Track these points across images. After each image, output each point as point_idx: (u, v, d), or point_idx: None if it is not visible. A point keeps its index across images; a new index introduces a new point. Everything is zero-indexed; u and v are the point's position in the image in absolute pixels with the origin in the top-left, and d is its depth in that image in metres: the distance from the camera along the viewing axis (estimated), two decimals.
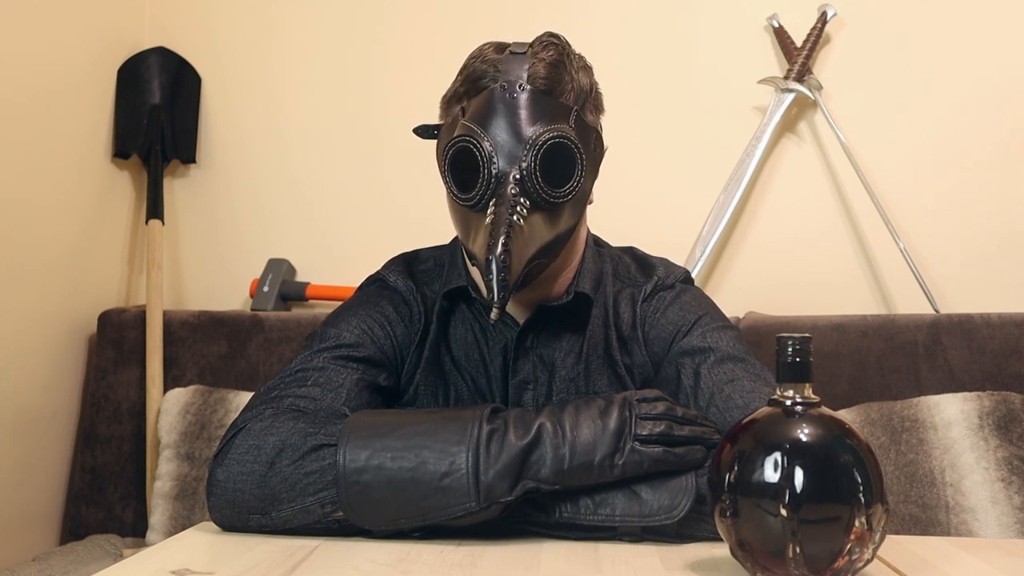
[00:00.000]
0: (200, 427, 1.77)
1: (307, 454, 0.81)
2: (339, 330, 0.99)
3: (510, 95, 0.92)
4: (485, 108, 0.92)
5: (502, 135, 0.90)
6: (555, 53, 0.95)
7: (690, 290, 1.07)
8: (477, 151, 0.90)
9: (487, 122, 0.91)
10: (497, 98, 0.92)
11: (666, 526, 0.79)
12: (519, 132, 0.91)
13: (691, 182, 1.99)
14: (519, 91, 0.92)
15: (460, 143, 0.91)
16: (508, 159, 0.90)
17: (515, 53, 0.95)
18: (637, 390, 0.86)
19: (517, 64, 0.93)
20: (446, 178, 0.93)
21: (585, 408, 0.82)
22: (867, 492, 0.64)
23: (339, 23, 2.13)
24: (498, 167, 0.90)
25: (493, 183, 0.90)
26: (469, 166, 0.91)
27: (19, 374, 1.78)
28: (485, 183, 0.90)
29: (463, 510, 0.78)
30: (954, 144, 1.92)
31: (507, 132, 0.90)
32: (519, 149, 0.90)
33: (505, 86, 0.92)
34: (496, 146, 0.90)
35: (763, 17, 2.00)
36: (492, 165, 0.90)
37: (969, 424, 1.53)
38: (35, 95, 1.80)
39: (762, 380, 0.94)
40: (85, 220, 1.97)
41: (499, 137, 0.90)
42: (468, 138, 0.90)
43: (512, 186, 0.89)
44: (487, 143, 0.90)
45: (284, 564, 0.74)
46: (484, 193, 0.90)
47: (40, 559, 1.64)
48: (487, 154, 0.90)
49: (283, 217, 2.12)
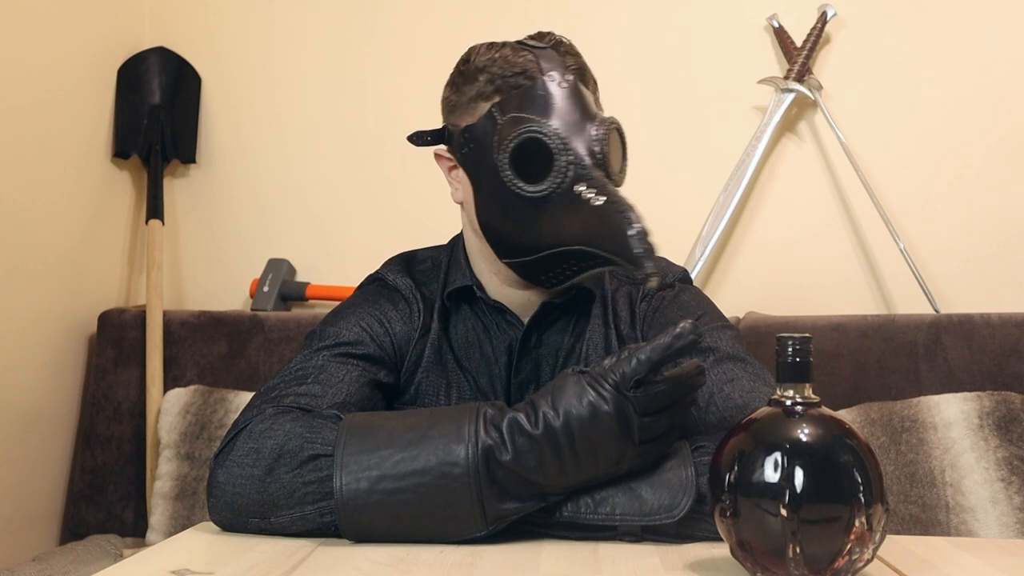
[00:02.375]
0: (200, 427, 1.77)
1: (305, 463, 0.80)
2: (338, 328, 0.99)
3: (559, 85, 0.94)
4: (541, 99, 0.93)
5: (565, 124, 0.92)
6: (570, 45, 0.99)
7: (689, 289, 1.07)
8: (548, 140, 0.90)
9: (548, 112, 0.92)
10: (551, 89, 0.93)
11: (666, 525, 0.78)
12: (581, 120, 0.93)
13: (691, 182, 1.99)
14: (567, 82, 0.94)
15: (526, 134, 0.91)
16: (577, 146, 0.91)
17: (540, 47, 0.96)
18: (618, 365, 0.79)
19: (552, 57, 0.96)
20: (504, 173, 0.92)
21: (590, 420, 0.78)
22: (867, 492, 0.64)
23: (339, 23, 2.13)
24: (573, 154, 0.91)
25: (572, 170, 0.90)
26: (532, 159, 0.91)
27: (19, 374, 1.78)
28: (562, 171, 0.90)
29: (470, 534, 0.78)
30: (954, 144, 1.92)
31: (570, 120, 0.92)
32: (585, 136, 0.92)
33: (553, 77, 0.94)
34: (567, 134, 0.91)
35: (763, 17, 2.00)
36: (567, 153, 0.91)
37: (969, 424, 1.53)
38: (35, 95, 1.80)
39: (761, 380, 0.94)
40: (85, 220, 1.97)
41: (565, 126, 0.92)
42: (534, 129, 0.91)
43: (593, 170, 0.91)
44: (557, 132, 0.91)
45: (284, 564, 0.74)
46: (562, 182, 0.90)
47: (40, 559, 1.64)
48: (560, 142, 0.90)
49: (283, 217, 2.12)
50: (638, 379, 0.77)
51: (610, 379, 0.78)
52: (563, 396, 0.79)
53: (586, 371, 0.80)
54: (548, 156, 0.91)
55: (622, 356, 0.79)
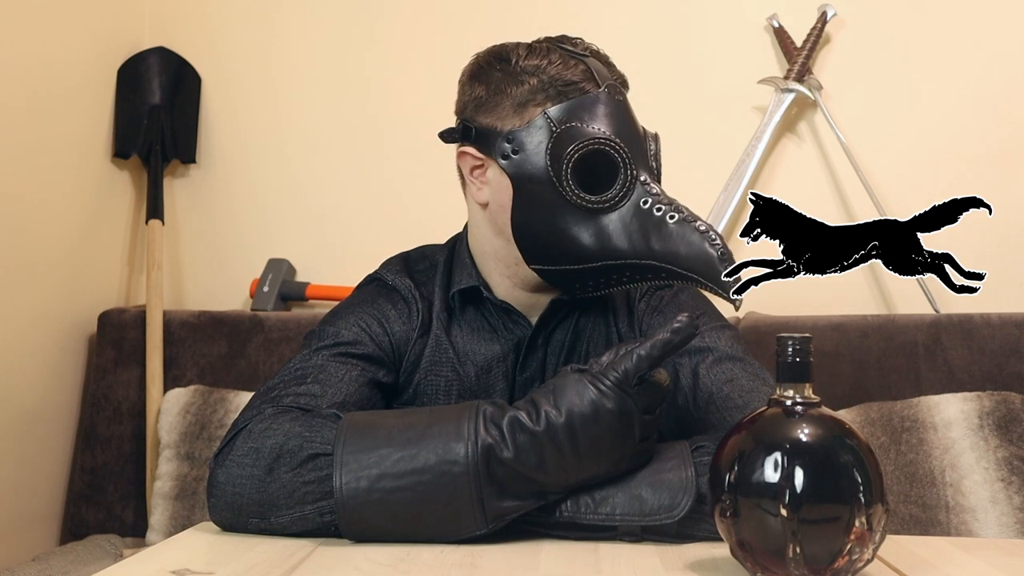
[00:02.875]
0: (200, 427, 1.77)
1: (304, 463, 0.80)
2: (337, 328, 0.99)
3: (616, 98, 0.96)
4: (602, 111, 0.94)
5: (627, 137, 0.94)
6: (607, 56, 1.01)
7: (687, 289, 1.07)
8: (616, 153, 0.92)
9: (611, 124, 0.94)
10: (610, 100, 0.95)
11: (666, 526, 0.78)
12: (639, 134, 0.96)
13: (691, 182, 1.99)
14: (622, 95, 0.97)
15: (594, 146, 0.92)
16: (637, 160, 0.94)
17: (583, 54, 0.98)
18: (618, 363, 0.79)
19: (600, 68, 0.98)
20: (564, 181, 0.93)
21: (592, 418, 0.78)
22: (867, 492, 0.64)
23: (339, 23, 2.13)
24: (638, 167, 0.94)
25: (636, 184, 0.93)
26: (590, 169, 0.93)
27: (19, 374, 1.78)
28: (628, 184, 0.93)
29: (470, 533, 0.78)
30: (954, 144, 1.92)
31: (630, 133, 0.95)
32: (643, 150, 0.96)
33: (612, 89, 0.96)
34: (629, 145, 0.93)
35: (763, 17, 2.00)
36: (633, 166, 0.93)
37: (969, 424, 1.53)
38: (35, 95, 1.80)
39: (760, 379, 0.94)
40: (85, 220, 1.97)
41: (627, 138, 0.94)
42: (601, 141, 0.92)
43: (655, 184, 0.95)
44: (623, 145, 0.93)
45: (284, 564, 0.74)
46: (625, 192, 0.93)
47: (40, 559, 1.64)
48: (627, 155, 0.93)
49: (283, 217, 2.12)
50: (640, 375, 0.78)
51: (611, 376, 0.78)
52: (565, 394, 0.79)
53: (586, 369, 0.80)
54: (613, 168, 0.92)
55: (621, 353, 0.79)
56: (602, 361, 0.80)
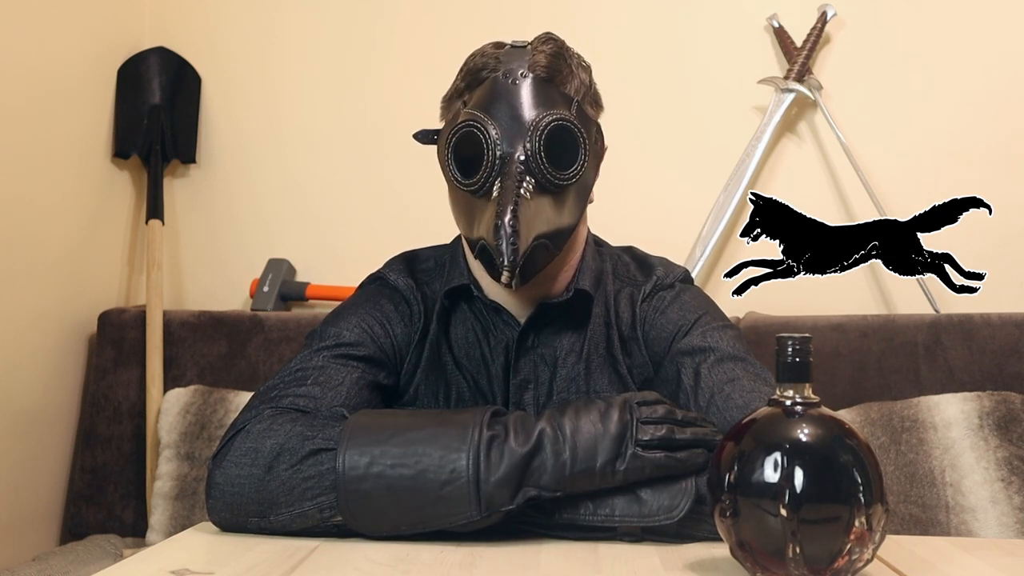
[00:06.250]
0: (200, 427, 1.77)
1: (305, 458, 0.81)
2: (339, 329, 0.99)
3: (512, 81, 0.93)
4: (488, 95, 0.93)
5: (505, 119, 0.91)
6: (555, 47, 0.97)
7: (690, 289, 1.07)
8: (481, 134, 0.91)
9: (490, 107, 0.92)
10: (499, 85, 0.93)
11: (666, 526, 0.79)
12: (522, 116, 0.92)
13: (691, 182, 1.99)
14: (521, 78, 0.93)
15: (464, 128, 0.92)
16: (512, 142, 0.91)
17: (516, 47, 0.97)
18: (637, 392, 0.86)
19: (518, 55, 0.95)
20: (448, 166, 0.94)
21: (585, 412, 0.81)
22: (867, 492, 0.64)
23: (339, 23, 2.13)
24: (502, 149, 0.91)
25: (498, 165, 0.90)
26: (472, 153, 0.91)
27: (19, 374, 1.78)
28: (490, 165, 0.90)
29: (464, 519, 0.78)
30: (954, 144, 1.92)
31: (510, 116, 0.92)
32: (523, 132, 0.91)
33: (507, 74, 0.93)
34: (500, 129, 0.91)
35: (763, 17, 2.00)
36: (496, 147, 0.90)
37: (969, 424, 1.53)
38: (35, 95, 1.80)
39: (762, 380, 0.94)
40: (85, 220, 1.97)
41: (503, 121, 0.91)
42: (471, 123, 0.91)
43: (517, 165, 0.90)
44: (491, 127, 0.91)
45: (284, 564, 0.74)
46: (489, 176, 0.91)
47: (40, 559, 1.64)
48: (491, 137, 0.90)
49: (283, 217, 2.12)
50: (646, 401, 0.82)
51: (622, 398, 0.83)
52: (572, 403, 0.83)
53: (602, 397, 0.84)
54: (481, 152, 0.91)
55: (660, 413, 0.82)
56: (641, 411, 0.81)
